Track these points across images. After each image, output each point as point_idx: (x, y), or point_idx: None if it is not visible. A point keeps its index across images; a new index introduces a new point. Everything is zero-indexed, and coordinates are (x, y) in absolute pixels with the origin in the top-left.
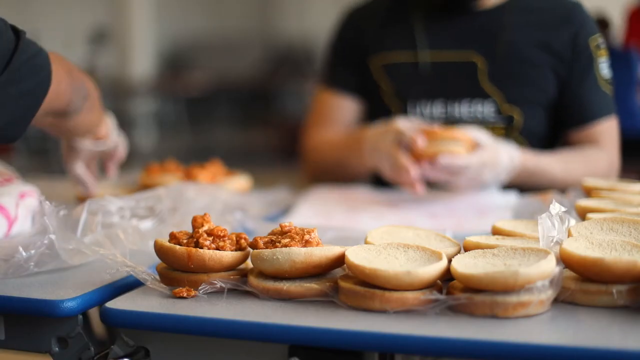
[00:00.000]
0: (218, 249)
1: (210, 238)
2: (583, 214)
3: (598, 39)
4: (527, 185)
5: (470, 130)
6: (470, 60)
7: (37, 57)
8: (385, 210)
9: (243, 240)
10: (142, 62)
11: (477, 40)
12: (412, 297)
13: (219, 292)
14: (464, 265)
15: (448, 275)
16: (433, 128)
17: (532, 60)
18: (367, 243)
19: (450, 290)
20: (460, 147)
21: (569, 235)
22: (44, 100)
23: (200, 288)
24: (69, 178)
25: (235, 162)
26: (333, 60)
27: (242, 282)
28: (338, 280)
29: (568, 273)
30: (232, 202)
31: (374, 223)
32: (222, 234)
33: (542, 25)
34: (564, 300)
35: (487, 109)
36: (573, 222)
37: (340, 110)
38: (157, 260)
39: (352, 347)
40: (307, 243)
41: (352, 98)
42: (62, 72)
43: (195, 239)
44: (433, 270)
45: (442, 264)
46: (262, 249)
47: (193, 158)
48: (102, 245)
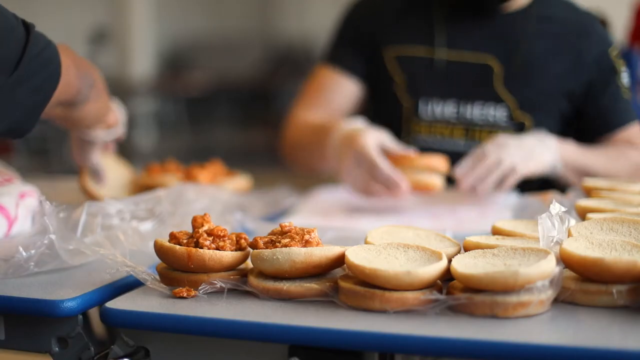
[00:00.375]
0: (218, 249)
1: (210, 238)
2: (583, 214)
3: (616, 49)
4: (570, 183)
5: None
6: (487, 63)
7: (46, 50)
8: (385, 210)
9: (243, 240)
10: (142, 62)
11: (495, 45)
12: (412, 297)
13: (219, 292)
14: (464, 265)
15: (448, 275)
16: (409, 153)
17: (549, 70)
18: (367, 243)
19: (450, 290)
20: (436, 177)
21: (569, 235)
22: (54, 93)
23: (200, 288)
24: (81, 171)
25: (235, 162)
26: (340, 40)
27: (242, 282)
28: (338, 280)
29: (568, 273)
30: (232, 202)
31: (374, 223)
32: (222, 234)
33: (561, 36)
34: (564, 300)
35: (499, 113)
36: (573, 222)
37: (338, 89)
38: (157, 261)
39: (352, 347)
40: (307, 243)
41: (353, 80)
42: (69, 62)
43: (195, 239)
44: (433, 270)
45: (442, 264)
46: (262, 249)
47: (193, 158)
48: (101, 246)
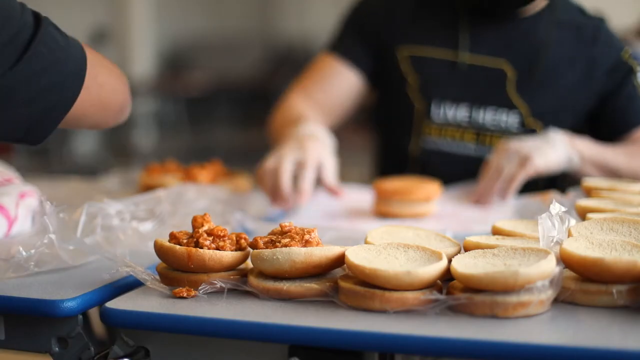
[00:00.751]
0: (218, 249)
1: (210, 238)
2: (583, 214)
3: (628, 51)
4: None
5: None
6: (501, 68)
7: (64, 50)
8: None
9: (243, 240)
10: (142, 62)
11: (509, 50)
12: (412, 297)
13: (219, 292)
14: (464, 265)
15: (448, 275)
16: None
17: (562, 78)
18: (367, 243)
19: (450, 290)
20: (431, 205)
21: (569, 235)
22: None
23: (200, 288)
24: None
25: (235, 162)
26: (347, 31)
27: (242, 282)
28: (338, 280)
29: (568, 273)
30: (232, 202)
31: (374, 223)
32: (222, 234)
33: (575, 42)
34: (564, 300)
35: (511, 120)
36: (573, 222)
37: (338, 78)
38: (157, 261)
39: (352, 347)
40: (307, 243)
41: (356, 72)
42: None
43: (195, 239)
44: (433, 270)
45: (442, 264)
46: (262, 249)
47: (193, 158)
48: (102, 246)
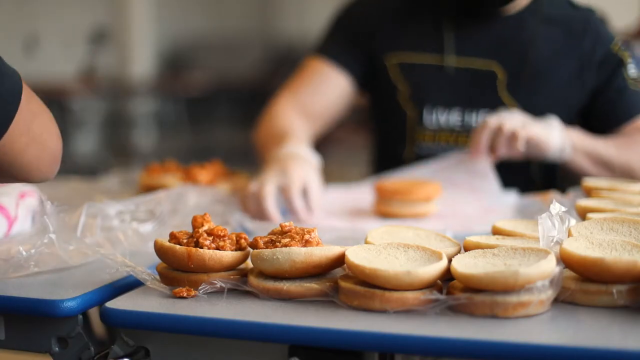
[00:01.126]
0: (218, 249)
1: (210, 238)
2: (583, 214)
3: (619, 42)
4: (584, 174)
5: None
6: (491, 70)
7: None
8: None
9: (243, 240)
10: (142, 62)
11: (498, 50)
12: (412, 297)
13: (219, 292)
14: (464, 265)
15: (448, 275)
16: (385, 186)
17: (553, 75)
18: (367, 243)
19: (450, 290)
20: (432, 205)
21: (569, 235)
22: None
23: (200, 288)
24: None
25: (235, 162)
26: (335, 34)
27: (242, 282)
28: (338, 280)
29: (568, 273)
30: (232, 202)
31: (374, 223)
32: (222, 234)
33: (563, 37)
34: (564, 300)
35: None
36: (573, 222)
37: (326, 82)
38: (157, 261)
39: (352, 347)
40: (307, 243)
41: (344, 75)
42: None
43: (195, 239)
44: (433, 270)
45: (442, 264)
46: (262, 249)
47: (193, 158)
48: (102, 246)
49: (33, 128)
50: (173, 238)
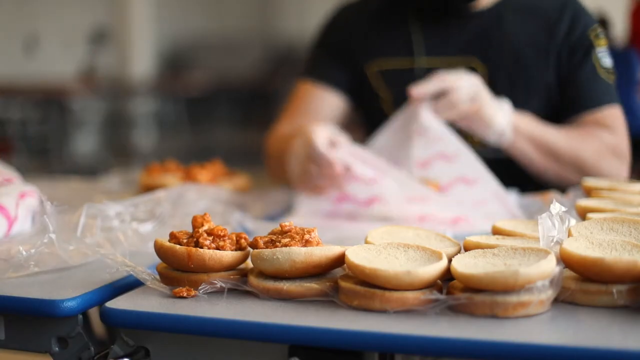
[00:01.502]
0: (218, 249)
1: (210, 238)
2: (583, 214)
3: (597, 29)
4: (531, 163)
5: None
6: (470, 66)
7: None
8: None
9: (243, 240)
10: (142, 62)
11: (475, 46)
12: (412, 297)
13: (219, 292)
14: (464, 265)
15: (448, 275)
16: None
17: (531, 64)
18: (367, 243)
19: (450, 290)
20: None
21: (569, 235)
22: None
23: (200, 288)
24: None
25: (235, 162)
26: (318, 54)
27: (242, 282)
28: (338, 280)
29: (568, 273)
30: (232, 202)
31: (374, 223)
32: (222, 234)
33: (538, 26)
34: (564, 300)
35: None
36: (573, 222)
37: (320, 103)
38: (157, 261)
39: (352, 347)
40: (307, 243)
41: (336, 93)
42: None
43: (195, 239)
44: (433, 270)
45: (442, 264)
46: (262, 249)
47: (193, 158)
48: (101, 247)
49: None
50: (173, 238)
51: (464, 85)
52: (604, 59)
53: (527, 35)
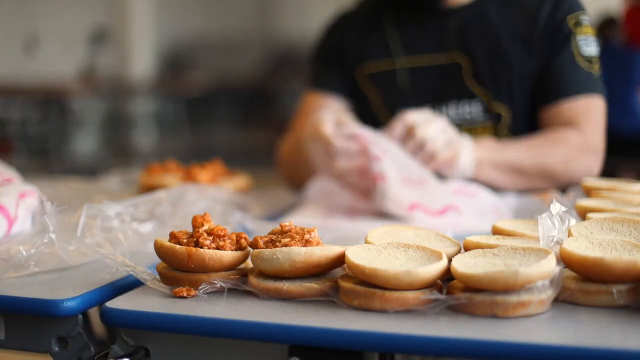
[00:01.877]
0: (218, 249)
1: (210, 237)
2: (583, 214)
3: (579, 16)
4: (497, 185)
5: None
6: (455, 61)
7: None
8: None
9: (243, 240)
10: (142, 62)
11: (458, 41)
12: (412, 296)
13: (219, 291)
14: (464, 265)
15: (448, 275)
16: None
17: (514, 53)
18: (367, 243)
19: (450, 290)
20: None
21: (569, 235)
22: None
23: (200, 288)
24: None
25: (235, 162)
26: (319, 65)
27: (242, 281)
28: (338, 280)
29: (568, 273)
30: (232, 202)
31: (374, 223)
32: (222, 234)
33: (520, 16)
34: (564, 300)
35: (474, 109)
36: (573, 221)
37: (327, 109)
38: (157, 260)
39: (352, 347)
40: (307, 243)
41: (338, 98)
42: None
43: (196, 239)
44: (433, 270)
45: (442, 264)
46: (262, 249)
47: (193, 158)
48: (101, 247)
49: None
50: (173, 238)
51: (438, 133)
52: (585, 47)
53: (509, 27)
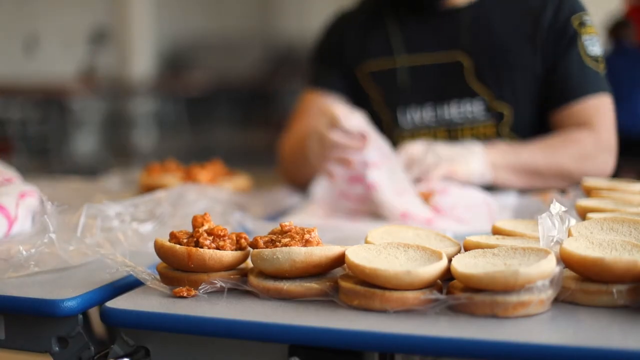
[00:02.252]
0: (218, 249)
1: (211, 237)
2: (583, 214)
3: (582, 17)
4: (515, 186)
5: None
6: (456, 60)
7: None
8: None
9: (243, 240)
10: (142, 62)
11: (460, 39)
12: (412, 296)
13: (219, 291)
14: (464, 265)
15: (448, 275)
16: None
17: (517, 53)
18: (367, 243)
19: (451, 290)
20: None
21: (569, 235)
22: None
23: (201, 288)
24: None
25: (235, 162)
26: (318, 65)
27: (242, 281)
28: (338, 280)
29: (568, 273)
30: (232, 202)
31: (374, 223)
32: (222, 234)
33: (523, 16)
34: (564, 300)
35: (476, 108)
36: (573, 221)
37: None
38: (157, 260)
39: (352, 347)
40: (307, 242)
41: (337, 97)
42: None
43: (196, 239)
44: (433, 270)
45: (442, 264)
46: (262, 249)
47: (193, 158)
48: (101, 247)
49: None
50: (173, 238)
51: (420, 157)
52: (591, 47)
53: (512, 26)
